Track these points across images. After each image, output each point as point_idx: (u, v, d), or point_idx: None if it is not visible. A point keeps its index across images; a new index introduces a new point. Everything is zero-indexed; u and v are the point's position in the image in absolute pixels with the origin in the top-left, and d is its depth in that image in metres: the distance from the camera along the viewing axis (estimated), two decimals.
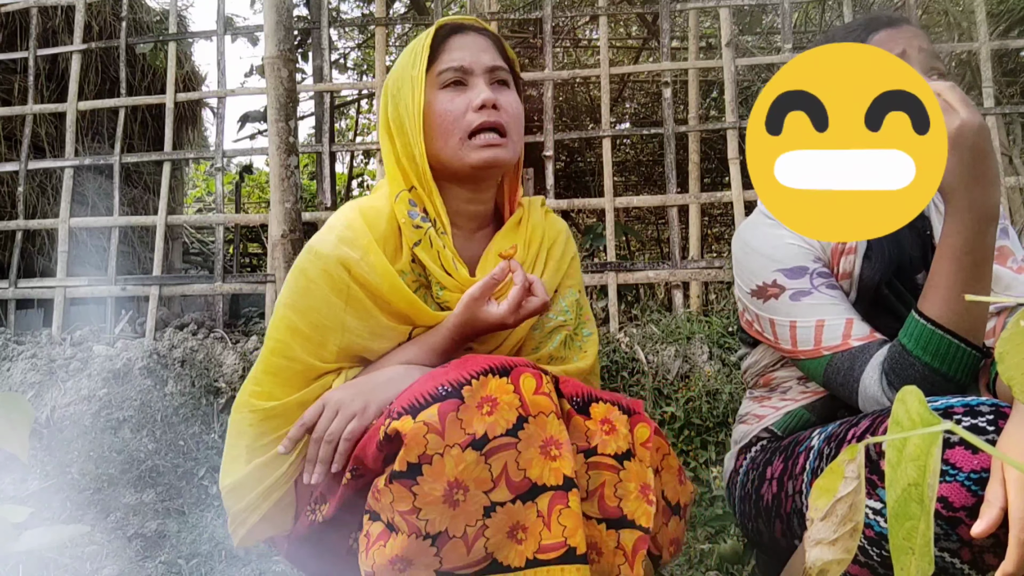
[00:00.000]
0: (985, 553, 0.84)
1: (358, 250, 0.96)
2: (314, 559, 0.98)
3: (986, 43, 2.67)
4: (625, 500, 0.84)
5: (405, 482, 0.74)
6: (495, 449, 0.76)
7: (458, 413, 0.75)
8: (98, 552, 1.64)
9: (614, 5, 4.14)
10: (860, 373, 1.03)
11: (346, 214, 1.02)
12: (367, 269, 0.96)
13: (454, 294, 1.02)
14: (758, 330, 1.18)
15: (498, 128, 1.01)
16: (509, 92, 1.05)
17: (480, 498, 0.75)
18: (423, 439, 0.74)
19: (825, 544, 0.36)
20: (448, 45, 1.04)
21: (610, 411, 0.87)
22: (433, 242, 1.01)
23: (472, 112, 1.00)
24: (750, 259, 1.16)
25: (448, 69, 1.02)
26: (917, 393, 0.35)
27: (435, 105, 1.02)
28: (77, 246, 3.20)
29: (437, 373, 0.82)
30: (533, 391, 0.80)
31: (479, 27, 1.07)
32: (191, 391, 2.50)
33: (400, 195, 1.03)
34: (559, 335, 1.09)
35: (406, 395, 0.80)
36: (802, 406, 1.21)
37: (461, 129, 1.00)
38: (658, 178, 5.62)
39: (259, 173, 7.60)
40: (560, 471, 0.78)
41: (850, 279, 1.12)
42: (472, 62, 1.02)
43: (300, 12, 4.19)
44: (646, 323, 2.68)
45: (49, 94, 4.08)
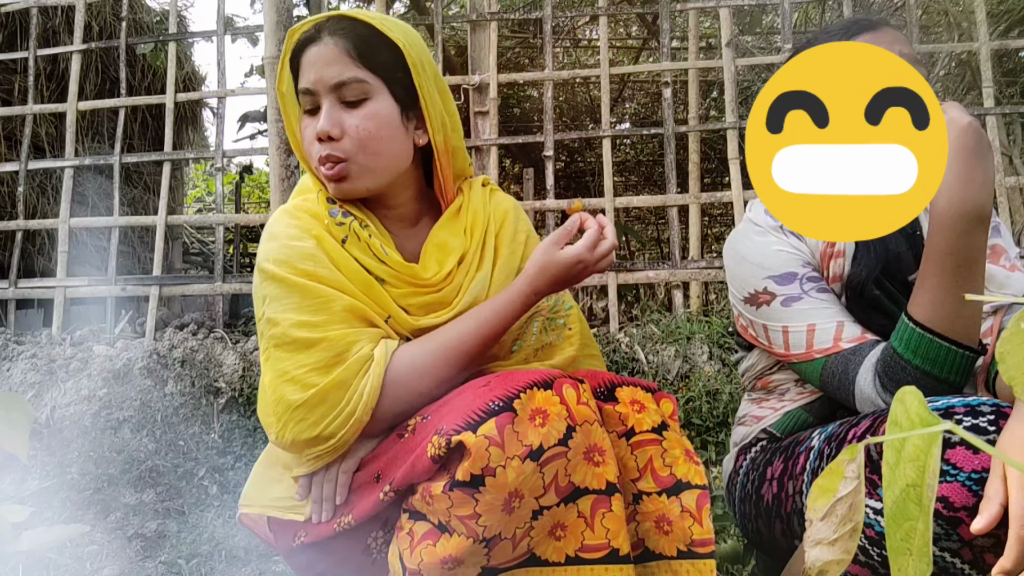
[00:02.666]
0: (986, 553, 0.84)
1: (311, 239, 0.96)
2: (323, 561, 0.98)
3: (986, 43, 2.67)
4: (676, 466, 0.88)
5: (467, 491, 0.76)
6: (549, 459, 0.78)
7: (514, 426, 0.77)
8: (98, 552, 1.64)
9: (614, 5, 4.14)
10: (855, 376, 1.04)
11: (281, 220, 0.99)
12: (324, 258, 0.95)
13: (401, 288, 0.99)
14: (753, 335, 1.19)
15: (335, 160, 0.96)
16: (361, 109, 0.96)
17: (531, 503, 0.79)
18: (486, 452, 0.75)
19: (825, 544, 0.36)
20: (301, 60, 0.98)
21: (635, 392, 0.90)
22: (359, 235, 0.99)
23: (316, 142, 0.97)
24: (741, 267, 1.17)
25: (301, 91, 0.98)
26: (916, 393, 0.35)
27: (299, 128, 1.02)
28: (77, 246, 3.20)
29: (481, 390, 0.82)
30: (576, 401, 0.82)
31: (336, 28, 0.96)
32: (191, 391, 2.50)
33: (319, 194, 1.02)
34: (535, 322, 1.07)
35: (458, 412, 0.80)
36: (800, 407, 1.21)
37: (312, 157, 0.99)
38: (658, 178, 5.62)
39: (259, 173, 7.60)
40: (603, 476, 0.81)
41: (840, 281, 1.12)
42: (316, 81, 0.95)
43: (300, 12, 4.19)
44: (646, 323, 2.68)
45: (49, 94, 4.08)
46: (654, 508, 0.86)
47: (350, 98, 0.96)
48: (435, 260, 1.03)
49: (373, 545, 0.93)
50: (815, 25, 4.36)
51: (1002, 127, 2.97)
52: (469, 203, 1.08)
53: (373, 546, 0.93)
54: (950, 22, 3.43)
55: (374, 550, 0.93)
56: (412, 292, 1.00)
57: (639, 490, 0.87)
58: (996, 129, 2.67)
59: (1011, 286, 1.06)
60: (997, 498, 0.75)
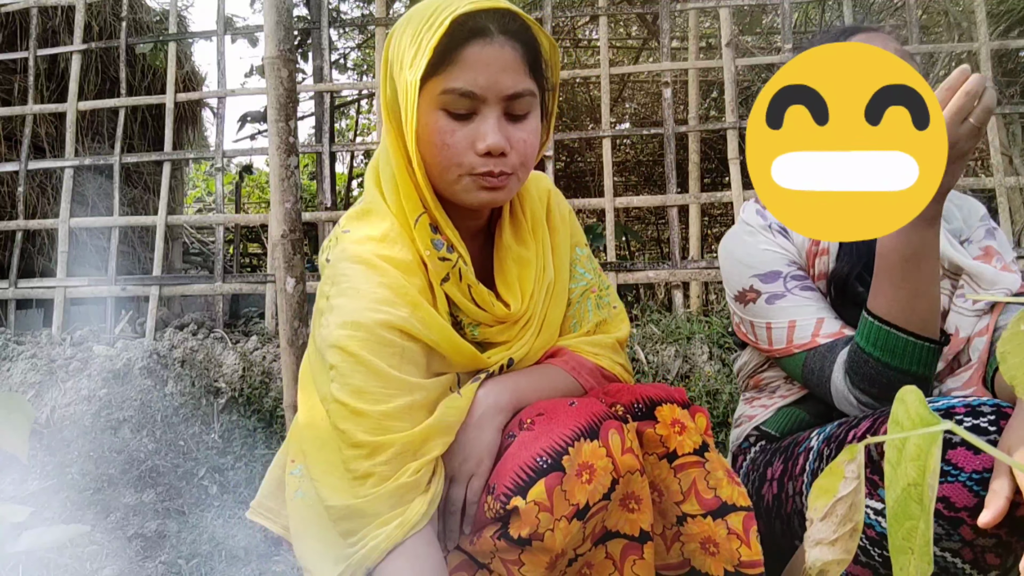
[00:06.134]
0: (987, 553, 0.84)
1: (405, 307, 0.83)
2: None
3: (986, 43, 2.66)
4: (720, 488, 0.86)
5: (515, 545, 0.76)
6: (593, 514, 0.78)
7: (562, 486, 0.76)
8: (98, 552, 1.64)
9: (614, 5, 4.14)
10: (830, 372, 1.07)
11: (368, 264, 0.84)
12: (420, 328, 0.83)
13: (491, 328, 0.93)
14: (744, 332, 1.23)
15: (505, 175, 0.86)
16: (526, 123, 0.87)
17: (571, 555, 0.79)
18: (535, 518, 0.75)
19: (825, 544, 0.36)
20: (462, 56, 0.82)
21: (674, 411, 0.88)
22: (464, 276, 0.89)
23: (475, 154, 0.84)
24: (731, 266, 1.22)
25: (454, 91, 0.82)
26: (917, 393, 0.35)
27: (431, 128, 0.84)
28: (77, 246, 3.20)
29: (527, 439, 0.79)
30: (620, 451, 0.80)
31: (510, 27, 0.84)
32: (191, 391, 2.50)
33: (420, 219, 0.87)
34: (589, 300, 1.04)
35: (508, 472, 0.78)
36: (791, 403, 1.23)
37: (459, 167, 0.85)
38: (658, 178, 5.62)
39: (259, 173, 7.60)
40: (637, 523, 0.81)
41: (826, 279, 1.16)
42: (486, 88, 0.82)
43: (300, 12, 4.19)
44: (646, 323, 2.68)
45: (49, 94, 4.08)
46: (699, 530, 0.86)
47: (518, 112, 0.86)
48: (516, 280, 0.95)
49: None
50: (815, 25, 4.36)
51: (1002, 127, 2.97)
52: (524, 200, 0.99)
53: None
54: (950, 22, 3.43)
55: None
56: (490, 326, 0.94)
57: (683, 512, 0.86)
58: (996, 129, 2.67)
59: (1000, 283, 1.08)
60: (1003, 492, 0.76)
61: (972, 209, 1.21)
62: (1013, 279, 1.10)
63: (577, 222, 1.09)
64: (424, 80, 0.83)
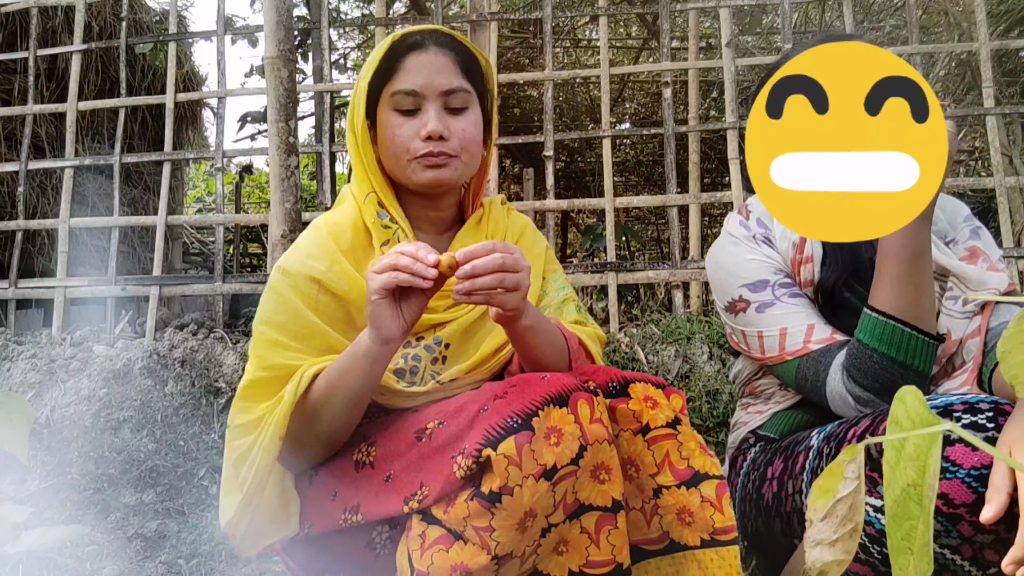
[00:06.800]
0: (985, 550, 0.84)
1: (324, 261, 1.01)
2: (324, 556, 0.98)
3: (986, 43, 2.66)
4: (692, 458, 0.90)
5: (485, 503, 0.78)
6: (561, 478, 0.80)
7: (531, 444, 0.78)
8: (98, 552, 1.64)
9: (614, 5, 4.14)
10: (824, 376, 1.09)
11: (313, 230, 1.06)
12: (334, 278, 1.00)
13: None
14: (736, 341, 1.24)
15: (446, 155, 1.03)
16: (464, 116, 1.05)
17: (542, 522, 0.80)
18: (505, 471, 0.77)
19: (825, 545, 0.36)
20: (404, 64, 1.04)
21: (647, 388, 0.92)
22: (401, 241, 1.04)
23: (419, 140, 1.02)
24: (719, 277, 1.24)
25: (400, 92, 1.03)
26: (916, 393, 0.35)
27: (385, 125, 1.04)
28: (77, 246, 3.20)
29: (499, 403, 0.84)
30: (589, 419, 0.83)
31: (441, 40, 1.06)
32: (191, 391, 2.50)
33: (369, 196, 1.07)
34: (569, 305, 1.15)
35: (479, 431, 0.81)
36: (787, 408, 1.24)
37: (408, 153, 1.03)
38: (658, 178, 5.62)
39: (259, 173, 7.60)
40: (608, 494, 0.83)
41: (812, 286, 1.17)
42: (425, 85, 1.02)
43: (300, 12, 4.19)
44: (646, 323, 2.68)
45: (49, 94, 4.08)
46: (674, 501, 0.89)
47: (455, 105, 1.04)
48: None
49: (378, 540, 0.94)
50: (815, 25, 4.36)
51: (1002, 127, 2.97)
52: (490, 215, 1.16)
53: (378, 541, 0.94)
54: (950, 22, 3.43)
55: (378, 545, 0.93)
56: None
57: (658, 484, 0.89)
58: (996, 129, 2.66)
59: (987, 283, 1.10)
60: (1004, 487, 0.77)
61: (956, 210, 1.22)
62: (1000, 278, 1.11)
63: (555, 258, 1.23)
64: (380, 88, 1.05)
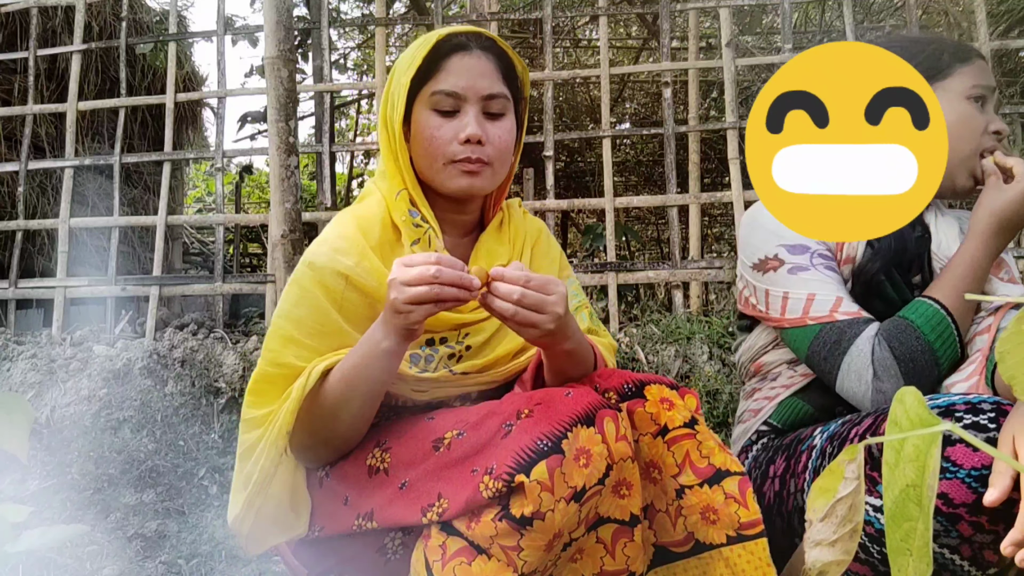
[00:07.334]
0: (985, 549, 0.84)
1: (352, 257, 0.99)
2: (331, 557, 0.98)
3: (986, 43, 2.66)
4: (712, 456, 0.90)
5: (515, 525, 0.78)
6: (588, 498, 0.80)
7: (562, 468, 0.79)
8: (98, 552, 1.64)
9: (614, 5, 4.14)
10: (848, 346, 1.09)
11: (340, 224, 1.04)
12: (362, 273, 0.98)
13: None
14: (752, 303, 1.23)
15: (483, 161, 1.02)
16: (501, 122, 1.04)
17: (565, 538, 0.81)
18: (538, 496, 0.77)
19: (825, 545, 0.36)
20: (447, 65, 1.02)
21: (662, 390, 0.92)
22: (432, 242, 1.03)
23: (457, 144, 1.01)
24: (755, 234, 1.23)
25: (440, 92, 1.01)
26: (916, 393, 0.35)
27: (423, 124, 1.02)
28: (77, 246, 3.20)
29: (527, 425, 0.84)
30: (615, 437, 0.83)
31: (485, 44, 1.04)
32: (191, 391, 2.50)
33: (401, 193, 1.04)
34: (583, 312, 1.15)
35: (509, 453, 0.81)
36: (793, 393, 1.23)
37: (444, 156, 1.01)
38: (658, 178, 5.62)
39: (259, 173, 7.59)
40: (628, 508, 0.85)
41: (852, 264, 1.18)
42: (466, 88, 1.01)
43: (300, 12, 4.19)
44: (646, 323, 2.68)
45: (49, 94, 4.08)
46: (698, 500, 0.89)
47: (494, 110, 1.03)
48: (486, 263, 1.08)
49: (390, 546, 0.93)
50: (815, 25, 4.36)
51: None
52: (510, 219, 1.17)
53: (390, 547, 0.93)
54: (950, 22, 3.43)
55: (390, 551, 0.93)
56: None
57: (681, 484, 0.89)
58: None
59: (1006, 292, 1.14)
60: (1008, 472, 0.77)
61: None
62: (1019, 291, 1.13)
63: (568, 263, 1.24)
64: (419, 86, 1.03)
